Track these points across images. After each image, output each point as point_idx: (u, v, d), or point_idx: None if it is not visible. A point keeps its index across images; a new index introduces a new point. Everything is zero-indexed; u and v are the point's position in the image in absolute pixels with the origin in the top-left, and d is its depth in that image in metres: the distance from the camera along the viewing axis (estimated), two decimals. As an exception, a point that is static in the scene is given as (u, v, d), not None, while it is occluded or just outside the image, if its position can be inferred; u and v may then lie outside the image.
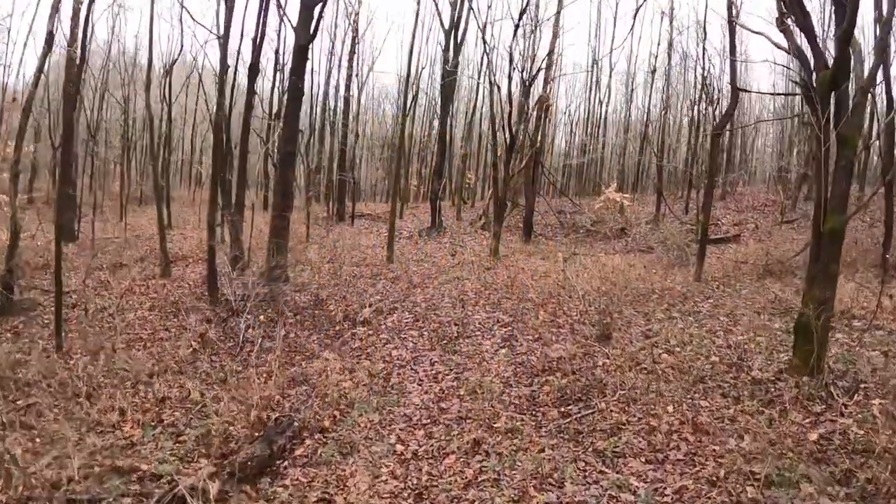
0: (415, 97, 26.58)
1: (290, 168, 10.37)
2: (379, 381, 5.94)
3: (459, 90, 29.82)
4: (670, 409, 4.88)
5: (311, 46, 10.96)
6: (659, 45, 28.69)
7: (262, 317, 8.12)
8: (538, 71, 15.99)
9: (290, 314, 8.69)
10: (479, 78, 24.22)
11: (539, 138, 20.45)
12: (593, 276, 11.11)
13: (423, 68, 25.78)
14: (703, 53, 21.87)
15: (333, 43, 24.37)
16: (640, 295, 9.82)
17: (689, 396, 5.25)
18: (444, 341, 7.26)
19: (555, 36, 17.53)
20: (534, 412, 5.11)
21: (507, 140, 14.93)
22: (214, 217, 9.46)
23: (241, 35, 16.29)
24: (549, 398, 5.30)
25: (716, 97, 22.16)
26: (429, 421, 5.01)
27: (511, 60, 15.17)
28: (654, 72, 27.71)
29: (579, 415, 5.00)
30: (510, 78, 15.12)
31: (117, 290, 10.09)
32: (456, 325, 7.93)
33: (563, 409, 5.08)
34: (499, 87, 15.92)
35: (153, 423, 5.21)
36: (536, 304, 9.27)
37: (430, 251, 15.60)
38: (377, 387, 5.78)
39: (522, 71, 15.63)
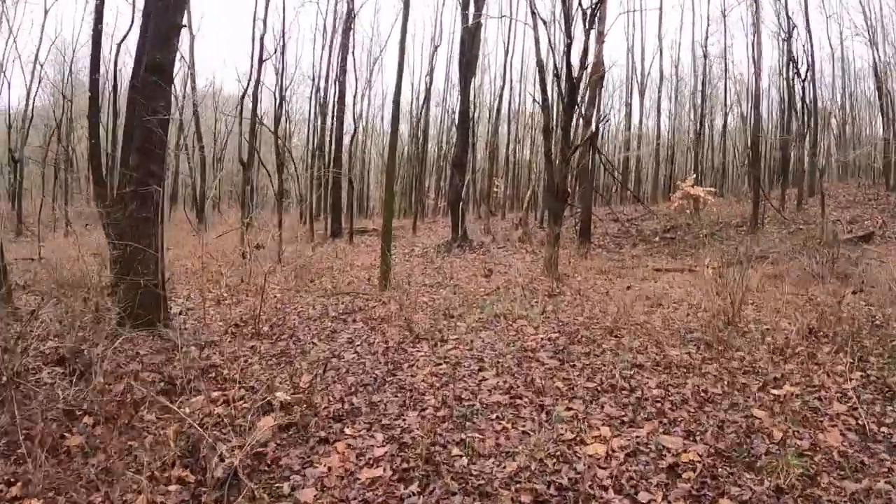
0: (427, 90, 21.69)
1: (158, 92, 4.99)
2: None
3: (483, 85, 24.93)
4: None
5: None
6: (709, 24, 23.03)
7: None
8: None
9: (87, 421, 3.26)
10: (512, 15, 18.82)
11: (595, 117, 15.10)
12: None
13: (437, 46, 20.80)
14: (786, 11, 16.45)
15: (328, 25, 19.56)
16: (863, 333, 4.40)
17: None
18: None
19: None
20: None
21: (566, 94, 9.51)
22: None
23: None
24: None
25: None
26: None
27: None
28: (706, 46, 22.27)
29: None
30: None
31: None
32: (548, 480, 2.36)
33: None
34: (545, 22, 10.55)
35: None
36: (711, 377, 3.67)
37: (450, 271, 10.07)
38: None
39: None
